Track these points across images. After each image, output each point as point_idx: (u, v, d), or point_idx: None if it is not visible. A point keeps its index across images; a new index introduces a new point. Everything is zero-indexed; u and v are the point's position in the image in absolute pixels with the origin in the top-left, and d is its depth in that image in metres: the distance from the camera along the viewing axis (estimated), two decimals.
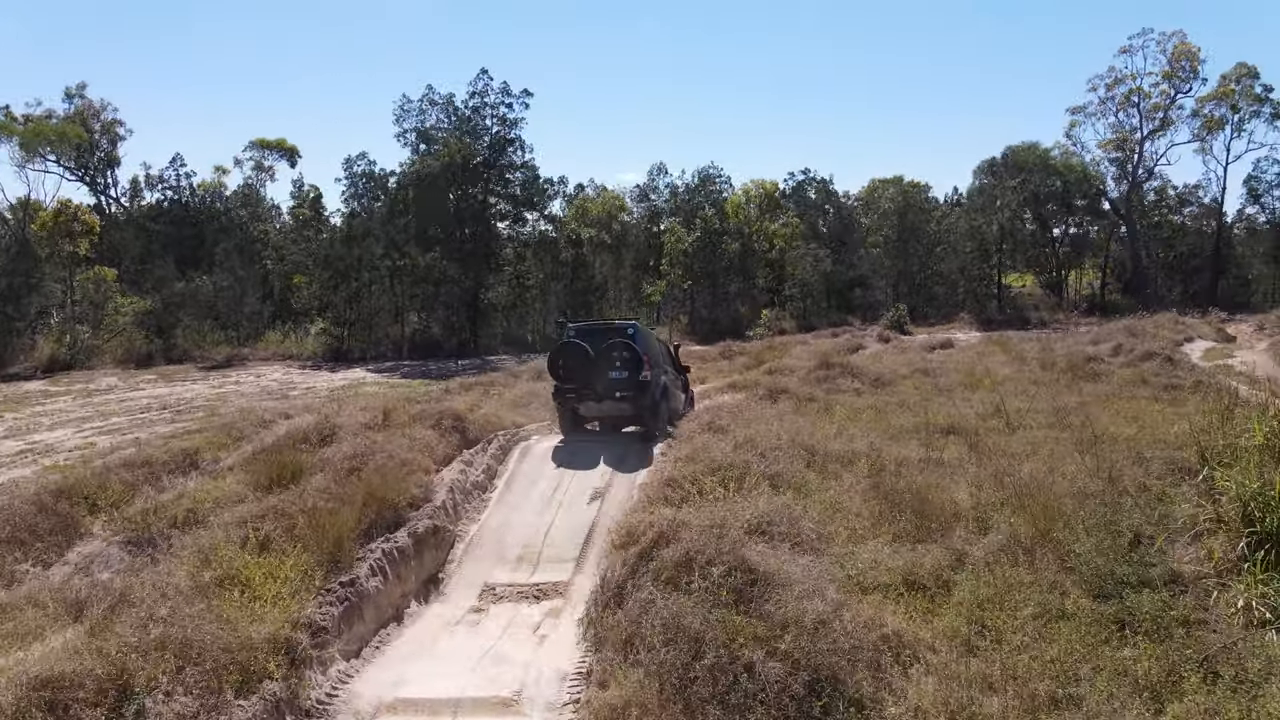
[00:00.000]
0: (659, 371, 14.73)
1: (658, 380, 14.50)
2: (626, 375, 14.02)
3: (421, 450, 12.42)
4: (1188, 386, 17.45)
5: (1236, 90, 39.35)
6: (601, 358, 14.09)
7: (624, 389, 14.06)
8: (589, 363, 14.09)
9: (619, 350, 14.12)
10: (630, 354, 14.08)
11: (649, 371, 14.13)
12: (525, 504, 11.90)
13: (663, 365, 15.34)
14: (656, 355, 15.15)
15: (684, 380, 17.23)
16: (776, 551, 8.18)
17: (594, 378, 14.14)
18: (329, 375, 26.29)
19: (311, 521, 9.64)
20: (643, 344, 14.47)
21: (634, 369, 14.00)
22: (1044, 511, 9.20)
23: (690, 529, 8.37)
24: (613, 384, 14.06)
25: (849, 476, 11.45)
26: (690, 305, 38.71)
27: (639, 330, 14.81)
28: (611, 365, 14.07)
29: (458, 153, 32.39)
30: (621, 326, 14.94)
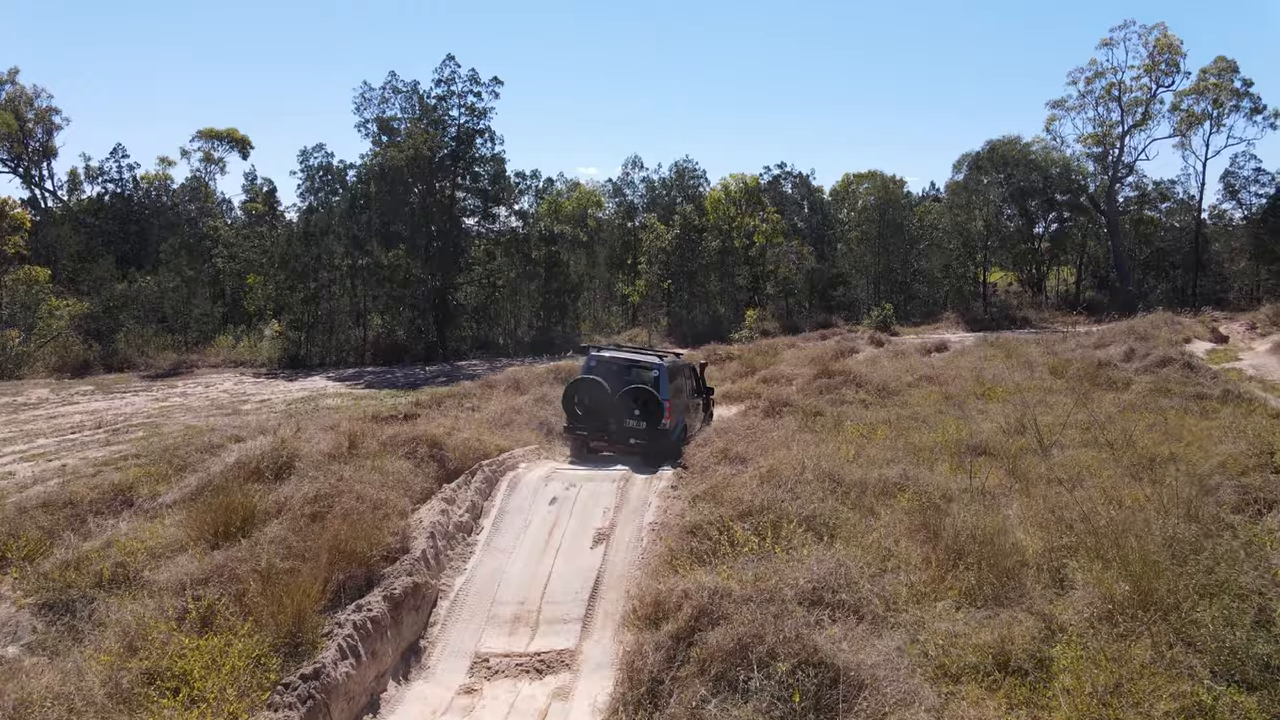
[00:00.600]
0: (680, 415, 13.99)
1: (677, 425, 13.79)
2: (645, 425, 13.32)
3: (395, 487, 10.75)
4: (1216, 396, 16.37)
5: (1218, 84, 38.83)
6: (622, 401, 13.32)
7: (640, 437, 13.36)
8: (608, 403, 13.35)
9: (641, 397, 13.34)
10: (652, 403, 13.31)
11: (669, 420, 13.41)
12: (518, 549, 10.31)
13: (685, 400, 14.55)
14: (681, 396, 14.33)
15: (706, 399, 16.50)
16: (843, 629, 6.71)
17: (611, 421, 13.42)
18: (286, 385, 24.31)
19: (266, 587, 7.99)
20: (667, 388, 13.58)
21: (654, 418, 13.29)
22: (1139, 564, 7.86)
23: (736, 601, 6.87)
24: (629, 430, 13.38)
25: (886, 512, 10.09)
26: (668, 306, 37.16)
27: (665, 372, 13.73)
28: (630, 412, 13.34)
29: (423, 144, 30.39)
30: (648, 365, 13.86)
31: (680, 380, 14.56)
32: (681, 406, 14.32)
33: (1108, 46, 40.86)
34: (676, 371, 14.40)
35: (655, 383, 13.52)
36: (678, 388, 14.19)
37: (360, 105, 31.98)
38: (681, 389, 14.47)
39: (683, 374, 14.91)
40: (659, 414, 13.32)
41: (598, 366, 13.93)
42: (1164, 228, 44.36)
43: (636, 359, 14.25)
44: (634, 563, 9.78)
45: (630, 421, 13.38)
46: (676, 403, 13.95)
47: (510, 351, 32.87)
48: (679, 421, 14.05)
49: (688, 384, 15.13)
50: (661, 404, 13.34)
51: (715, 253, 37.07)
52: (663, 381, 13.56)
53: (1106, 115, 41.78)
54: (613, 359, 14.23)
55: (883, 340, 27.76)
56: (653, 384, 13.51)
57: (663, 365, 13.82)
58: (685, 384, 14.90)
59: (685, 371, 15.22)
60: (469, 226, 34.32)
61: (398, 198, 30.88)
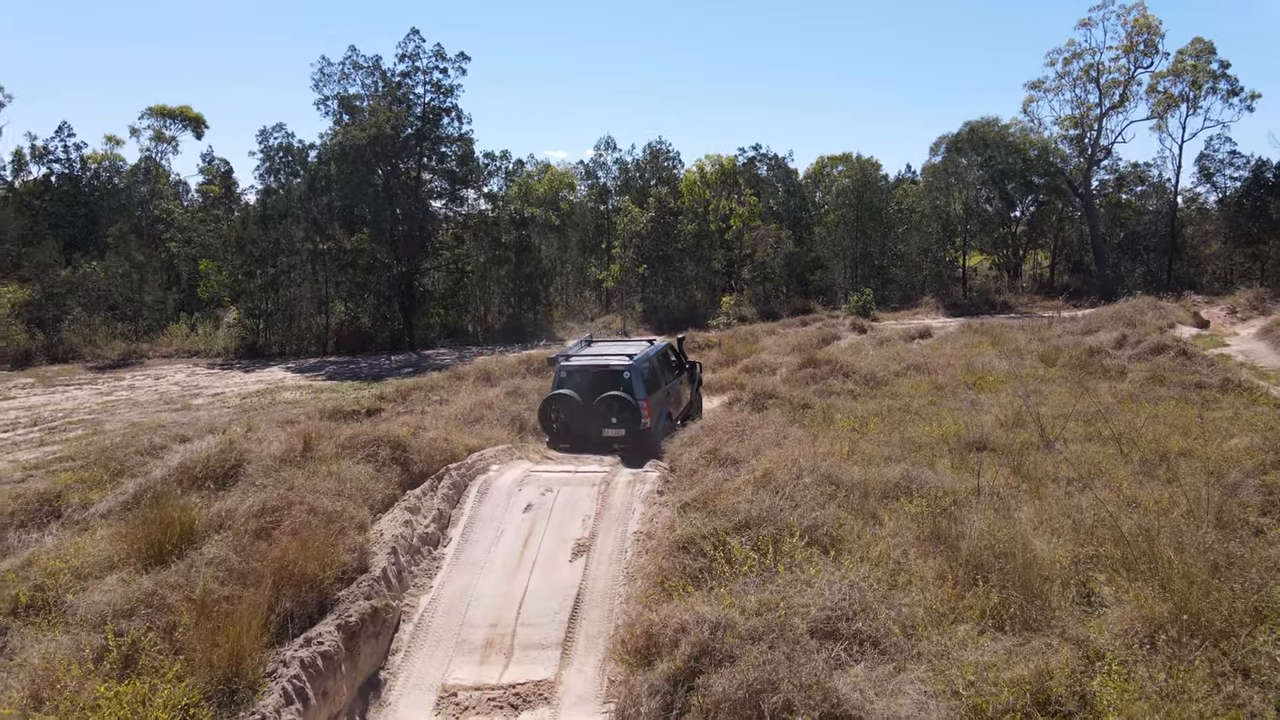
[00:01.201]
0: (660, 408, 13.55)
1: (659, 419, 13.36)
2: (624, 430, 12.98)
3: (353, 495, 9.75)
4: (1215, 385, 15.83)
5: (1196, 65, 38.47)
6: (596, 410, 13.03)
7: (622, 441, 12.99)
8: (584, 414, 13.12)
9: (615, 404, 12.95)
10: (627, 408, 12.92)
11: (649, 419, 13.00)
12: (489, 563, 9.36)
13: (665, 388, 14.16)
14: (660, 387, 13.90)
15: (691, 373, 16.17)
16: (865, 668, 5.86)
17: (589, 431, 13.14)
18: (242, 376, 23.01)
19: (201, 619, 7.02)
20: (641, 387, 13.10)
21: (632, 421, 12.93)
22: (1180, 580, 7.11)
23: (741, 637, 6.00)
24: (609, 439, 13.04)
25: (890, 518, 9.32)
26: (643, 291, 36.14)
27: (636, 372, 13.21)
28: (607, 421, 13.02)
29: (386, 122, 28.98)
30: (619, 368, 13.24)
31: (655, 371, 14.04)
32: (662, 396, 13.84)
33: (1086, 27, 40.40)
34: (650, 364, 13.86)
35: (628, 385, 13.03)
36: (653, 381, 13.68)
37: (319, 82, 30.48)
38: (658, 379, 13.98)
39: (657, 362, 14.35)
40: (636, 417, 12.91)
41: (568, 378, 13.49)
42: (1139, 211, 44.14)
43: (606, 363, 13.52)
44: (618, 577, 8.90)
45: (609, 431, 13.03)
46: (655, 396, 13.43)
47: (480, 340, 31.70)
48: (661, 413, 13.58)
49: (666, 369, 14.66)
50: (637, 406, 12.91)
51: (691, 236, 36.06)
52: (635, 382, 13.09)
53: (1084, 97, 41.36)
54: (581, 367, 13.59)
55: (864, 326, 27.05)
56: (625, 387, 13.02)
57: (634, 365, 13.25)
58: (662, 371, 14.41)
59: (660, 358, 14.65)
60: (436, 210, 32.95)
61: (360, 179, 29.44)
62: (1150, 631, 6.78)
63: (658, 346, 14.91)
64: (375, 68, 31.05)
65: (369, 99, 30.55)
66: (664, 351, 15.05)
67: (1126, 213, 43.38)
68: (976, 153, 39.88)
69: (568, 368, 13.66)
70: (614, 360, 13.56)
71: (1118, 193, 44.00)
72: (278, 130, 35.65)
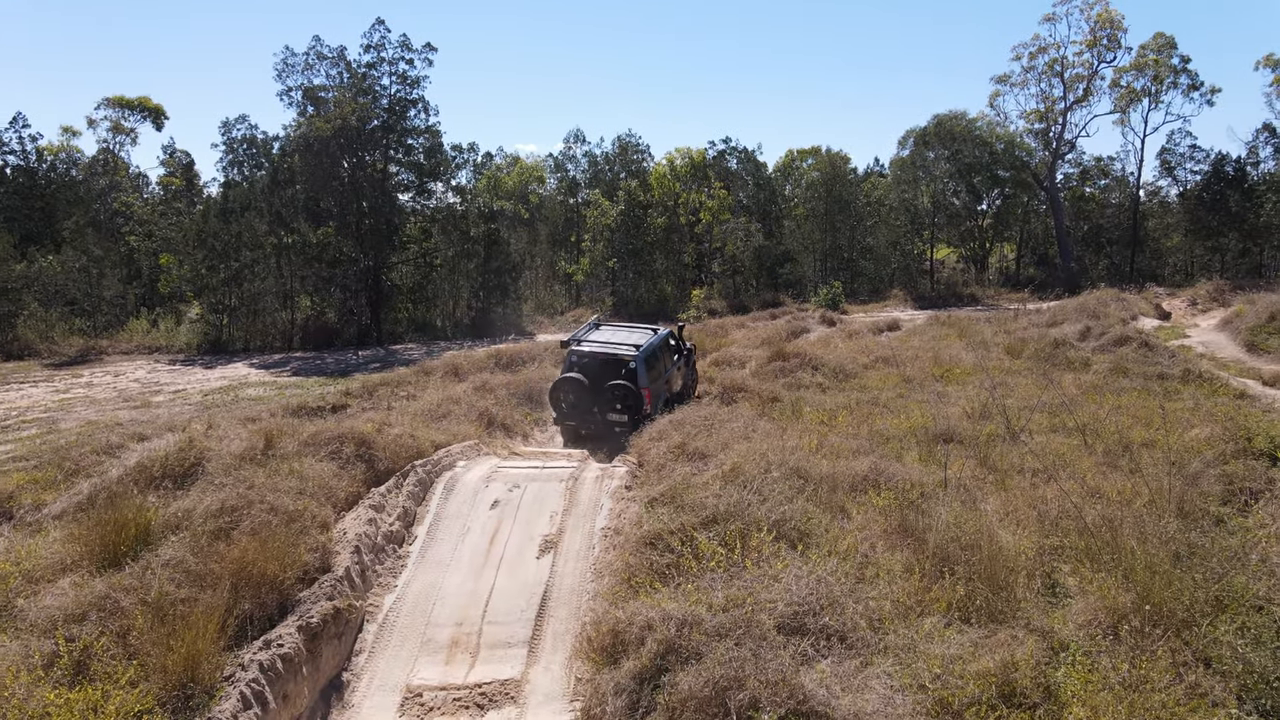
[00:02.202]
0: (660, 395, 14.39)
1: (659, 404, 14.13)
2: (628, 417, 13.72)
3: (316, 493, 9.57)
4: (1177, 376, 16.06)
5: (1158, 60, 39.04)
6: (603, 396, 13.82)
7: (624, 425, 13.69)
8: (591, 397, 13.87)
9: (620, 392, 13.77)
10: (631, 396, 13.75)
11: (649, 406, 13.77)
12: (455, 561, 9.24)
13: (666, 376, 14.97)
14: (661, 376, 14.72)
15: (688, 358, 16.93)
16: (832, 663, 5.84)
17: (595, 413, 13.92)
18: (204, 373, 22.57)
19: (156, 623, 6.85)
20: (645, 376, 13.98)
21: (635, 408, 13.74)
22: (1142, 571, 7.17)
23: (708, 634, 5.95)
24: (613, 423, 13.85)
25: (858, 511, 9.33)
26: (613, 285, 35.97)
27: (642, 363, 14.04)
28: (612, 406, 13.82)
29: (351, 114, 28.49)
30: (626, 358, 14.07)
31: (659, 360, 14.87)
32: (662, 385, 14.69)
33: (1050, 22, 40.85)
34: (654, 354, 14.68)
35: (633, 375, 13.85)
36: (657, 370, 14.53)
37: (282, 72, 29.85)
38: (661, 368, 14.80)
39: (660, 350, 15.15)
40: (639, 405, 13.71)
41: (579, 363, 14.29)
42: (1103, 204, 44.76)
43: (615, 352, 14.30)
44: (585, 574, 8.83)
45: (613, 415, 13.83)
46: (656, 386, 14.29)
47: (448, 334, 31.36)
48: (660, 398, 14.35)
49: (667, 356, 15.45)
50: (640, 395, 13.73)
51: (661, 230, 35.94)
52: (640, 372, 13.89)
53: (1049, 91, 41.83)
54: (591, 354, 14.39)
55: (834, 319, 27.15)
56: (630, 377, 13.84)
57: (640, 356, 14.02)
58: (664, 359, 15.20)
59: (663, 346, 15.42)
60: (403, 203, 32.51)
61: (325, 171, 28.92)
62: (1113, 622, 6.84)
63: (661, 335, 15.63)
64: (340, 58, 30.53)
65: (334, 90, 30.03)
66: (666, 339, 15.82)
67: (1090, 206, 43.96)
68: (944, 146, 40.20)
69: (579, 352, 14.47)
70: (622, 350, 14.33)
71: (1081, 186, 44.57)
72: (240, 122, 35.06)
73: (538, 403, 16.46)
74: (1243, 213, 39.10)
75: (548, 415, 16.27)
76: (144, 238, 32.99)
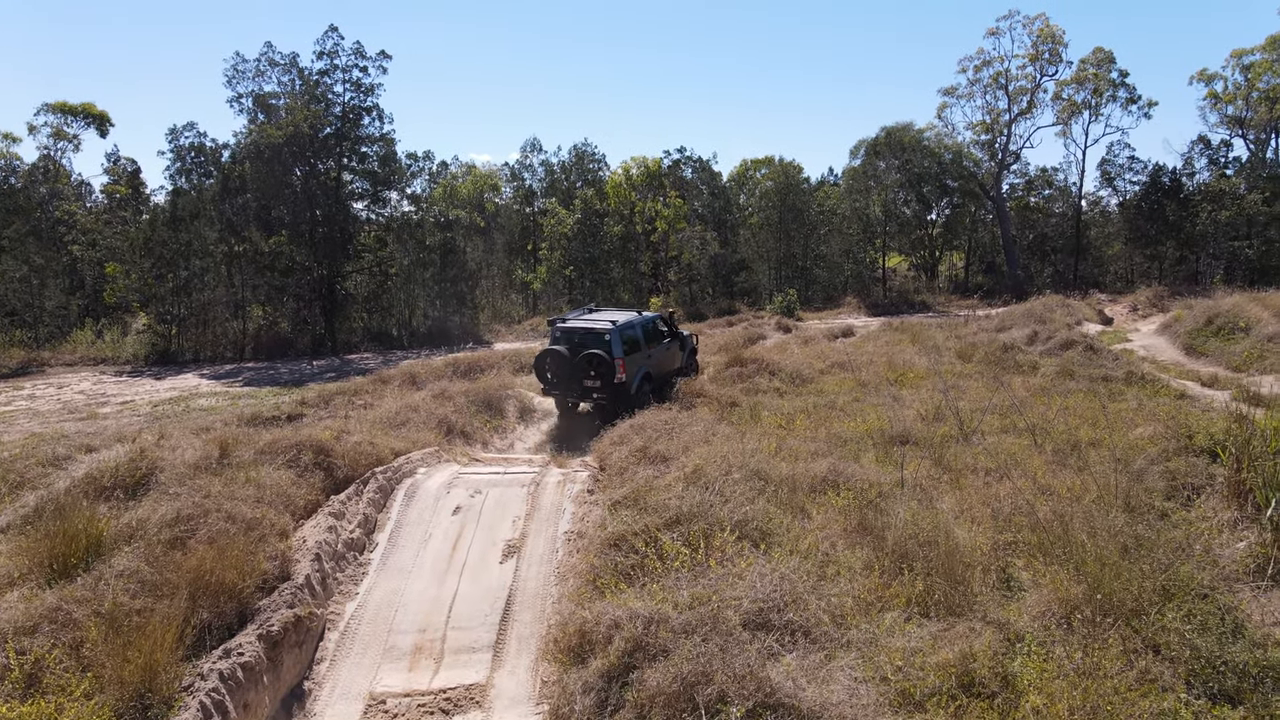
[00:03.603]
0: (636, 368, 15.67)
1: (634, 376, 15.51)
2: (600, 383, 15.14)
3: (274, 502, 9.44)
4: (1121, 378, 16.58)
5: (1097, 74, 40.32)
6: (579, 365, 15.15)
7: (600, 392, 15.24)
8: (570, 367, 15.25)
9: (593, 360, 15.08)
10: (603, 364, 15.04)
11: (623, 374, 15.09)
12: (417, 567, 9.18)
13: (647, 351, 16.29)
14: (640, 349, 16.05)
15: (684, 343, 18.27)
16: (797, 657, 5.94)
17: (574, 382, 15.34)
18: (153, 384, 22.03)
19: (111, 634, 6.68)
20: (619, 347, 15.27)
21: (608, 376, 15.03)
22: (1093, 563, 7.41)
23: (674, 631, 6.01)
24: (589, 390, 15.34)
25: (818, 511, 9.49)
26: (570, 293, 35.94)
27: (616, 334, 15.33)
28: (587, 374, 15.15)
29: (304, 121, 28.09)
30: (601, 331, 15.35)
31: (636, 336, 16.09)
32: (641, 358, 15.94)
33: (994, 36, 41.99)
34: (631, 330, 15.96)
35: (607, 346, 15.14)
36: (632, 343, 15.76)
37: (232, 78, 29.34)
38: (639, 343, 16.02)
39: (640, 328, 16.38)
40: (611, 374, 15.00)
41: (561, 337, 15.72)
42: (1047, 214, 45.99)
43: (592, 326, 15.61)
44: (549, 577, 8.84)
45: (588, 382, 15.21)
46: (634, 357, 15.59)
47: (405, 344, 31.04)
48: (640, 370, 15.75)
49: (651, 335, 16.70)
50: (613, 364, 15.02)
51: (617, 238, 36.05)
52: (614, 342, 15.20)
53: (994, 103, 42.94)
54: (571, 328, 15.76)
55: (790, 326, 27.49)
56: (605, 347, 15.14)
57: (614, 329, 15.33)
58: (646, 337, 16.44)
59: (645, 325, 16.66)
60: (358, 211, 32.14)
61: (277, 179, 28.44)
62: (1066, 612, 7.04)
63: (647, 316, 17.06)
64: (292, 65, 30.12)
65: (285, 97, 29.60)
66: (651, 321, 17.09)
67: (1035, 215, 45.14)
68: (895, 156, 41.02)
69: (561, 328, 15.88)
70: (599, 324, 15.60)
71: (1027, 196, 45.77)
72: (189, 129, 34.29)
73: (497, 410, 16.41)
74: (1180, 222, 40.47)
75: (507, 423, 16.24)
76: (88, 247, 32.11)
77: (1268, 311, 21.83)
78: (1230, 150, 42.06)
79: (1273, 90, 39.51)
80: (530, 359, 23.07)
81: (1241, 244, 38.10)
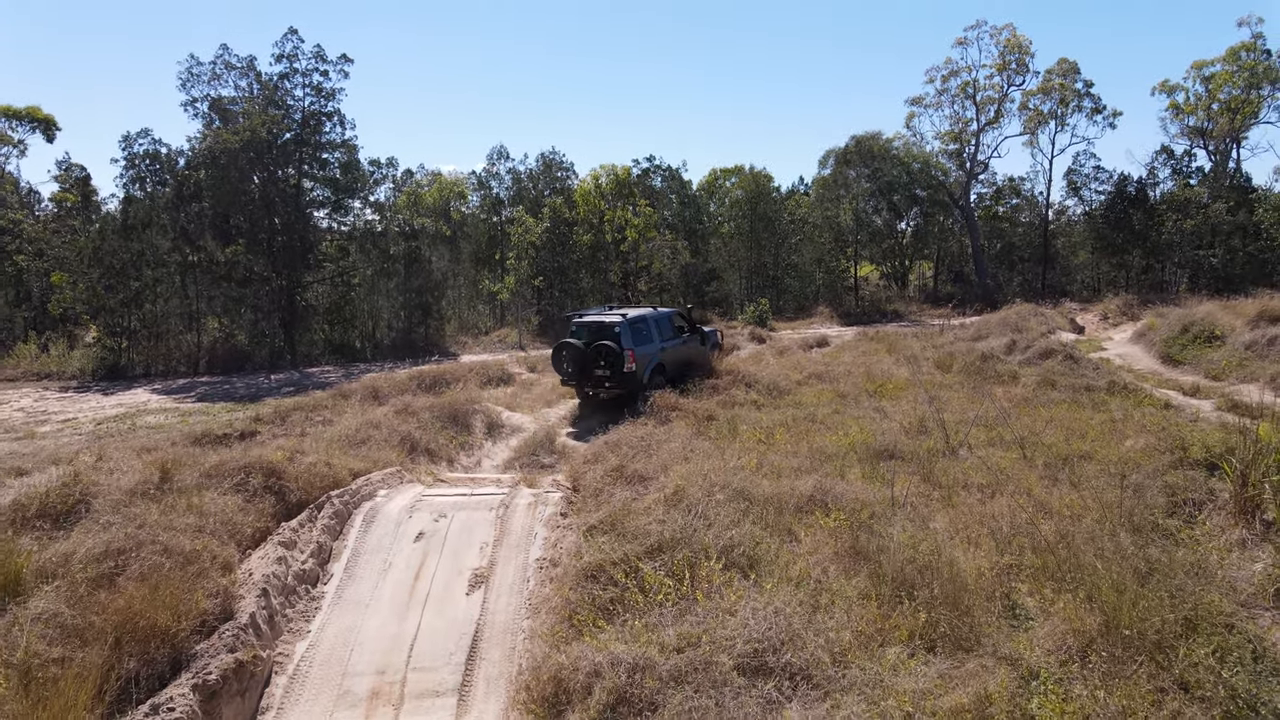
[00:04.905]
0: (648, 359, 16.50)
1: (645, 366, 16.38)
2: (611, 371, 16.09)
3: (217, 530, 8.64)
4: (1103, 388, 16.27)
5: (1063, 84, 40.57)
6: (590, 355, 16.17)
7: (612, 381, 16.20)
8: (583, 357, 16.25)
9: (603, 350, 16.05)
10: (613, 354, 16.01)
11: (633, 364, 16.05)
12: (375, 601, 8.43)
13: (660, 344, 17.02)
14: (653, 341, 16.82)
15: (704, 338, 19.02)
16: (800, 708, 5.32)
17: (587, 371, 16.32)
18: (100, 400, 20.93)
19: (21, 689, 5.89)
20: (629, 338, 16.23)
21: (618, 365, 16.01)
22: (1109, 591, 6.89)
23: (663, 680, 5.36)
24: (600, 378, 16.29)
25: (806, 534, 8.93)
26: (539, 304, 35.19)
27: (626, 326, 16.29)
28: (598, 364, 16.16)
29: (261, 126, 27.12)
30: (612, 323, 16.35)
31: (649, 329, 16.91)
32: (654, 349, 16.77)
33: (962, 45, 42.16)
34: (643, 323, 16.82)
35: (617, 337, 16.10)
36: (644, 336, 16.64)
37: (187, 82, 28.26)
38: (651, 336, 16.85)
39: (654, 322, 17.18)
40: (620, 361, 15.98)
41: (577, 330, 16.78)
42: (1015, 223, 46.19)
43: (604, 319, 16.59)
44: (520, 610, 8.13)
45: (598, 371, 16.19)
46: (644, 349, 16.45)
47: (368, 356, 30.07)
48: (652, 361, 16.59)
49: (665, 329, 17.47)
50: (622, 354, 16.01)
51: (587, 247, 35.37)
52: (624, 334, 16.16)
53: (962, 113, 43.08)
54: (586, 322, 16.81)
55: (763, 336, 27.04)
56: (615, 339, 16.11)
57: (625, 321, 16.31)
58: (660, 330, 17.24)
59: (660, 320, 17.45)
60: (319, 219, 31.14)
61: (234, 186, 27.39)
62: (1081, 646, 6.51)
63: (663, 312, 17.89)
64: (250, 68, 29.10)
65: (243, 102, 28.59)
66: (667, 316, 17.88)
67: (1003, 224, 45.29)
68: (866, 164, 40.91)
69: (578, 322, 17.01)
70: (611, 318, 16.58)
71: (995, 205, 45.94)
72: (144, 136, 33.11)
73: (463, 425, 15.65)
74: (1145, 230, 40.78)
75: (474, 439, 15.49)
76: (34, 257, 30.77)
77: (1240, 320, 21.76)
78: (1193, 160, 42.55)
79: (1233, 101, 40.04)
80: (497, 371, 22.41)
81: (1206, 253, 38.43)
